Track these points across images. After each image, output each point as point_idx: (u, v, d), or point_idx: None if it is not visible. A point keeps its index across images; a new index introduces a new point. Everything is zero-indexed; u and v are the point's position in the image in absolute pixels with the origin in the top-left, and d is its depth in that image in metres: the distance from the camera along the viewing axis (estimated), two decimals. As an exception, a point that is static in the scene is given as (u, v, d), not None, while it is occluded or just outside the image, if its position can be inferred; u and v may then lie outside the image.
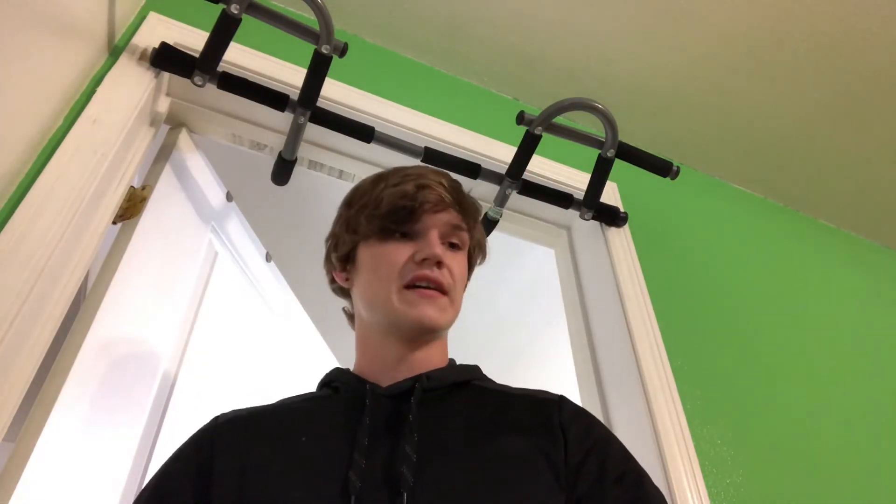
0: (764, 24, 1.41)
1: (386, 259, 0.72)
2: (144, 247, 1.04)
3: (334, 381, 0.73)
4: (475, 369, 0.76)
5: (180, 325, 1.18)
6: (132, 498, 0.97)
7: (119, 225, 1.01)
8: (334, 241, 0.81)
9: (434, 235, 0.72)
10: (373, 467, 0.59)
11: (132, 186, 1.04)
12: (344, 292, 0.81)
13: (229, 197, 1.35)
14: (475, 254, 0.82)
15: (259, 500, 0.58)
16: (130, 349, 1.02)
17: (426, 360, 0.71)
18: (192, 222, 1.23)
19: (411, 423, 0.62)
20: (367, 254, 0.74)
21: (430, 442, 0.61)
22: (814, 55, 1.46)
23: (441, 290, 0.70)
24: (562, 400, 0.70)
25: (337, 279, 0.80)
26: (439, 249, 0.71)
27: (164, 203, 1.12)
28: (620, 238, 1.35)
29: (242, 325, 1.44)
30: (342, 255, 0.78)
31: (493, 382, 0.75)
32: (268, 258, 1.51)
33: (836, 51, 1.44)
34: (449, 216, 0.75)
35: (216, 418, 0.69)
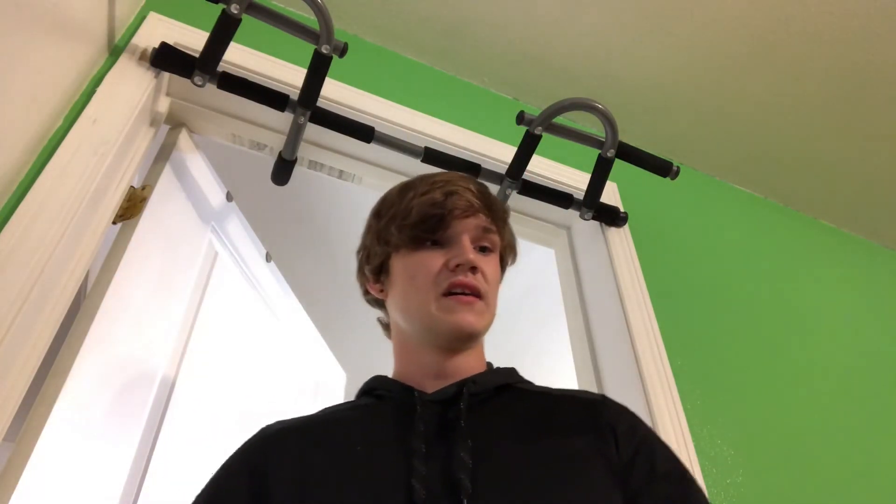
0: (764, 24, 1.41)
1: (420, 268, 0.72)
2: (144, 247, 1.04)
3: (377, 389, 0.73)
4: (514, 372, 0.76)
5: (180, 325, 1.18)
6: (132, 498, 0.97)
7: (119, 225, 1.01)
8: (366, 252, 0.81)
9: (466, 240, 0.72)
10: (431, 474, 0.58)
11: (132, 186, 1.04)
12: (378, 303, 0.81)
13: (229, 197, 1.35)
14: (506, 255, 0.82)
15: None
16: (130, 349, 1.02)
17: (466, 365, 0.71)
18: (192, 222, 1.23)
19: (463, 429, 0.62)
20: (401, 264, 0.75)
21: (483, 448, 0.61)
22: (814, 55, 1.46)
23: (477, 294, 0.70)
24: (605, 399, 0.71)
25: (371, 291, 0.80)
26: (472, 255, 0.71)
27: (164, 203, 1.12)
28: (620, 238, 1.35)
29: (242, 326, 1.44)
30: (375, 267, 0.79)
31: (533, 384, 0.75)
32: (268, 258, 1.51)
33: (836, 51, 1.44)
34: (478, 220, 0.75)
35: (263, 430, 0.69)
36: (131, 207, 1.02)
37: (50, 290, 0.81)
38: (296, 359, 1.66)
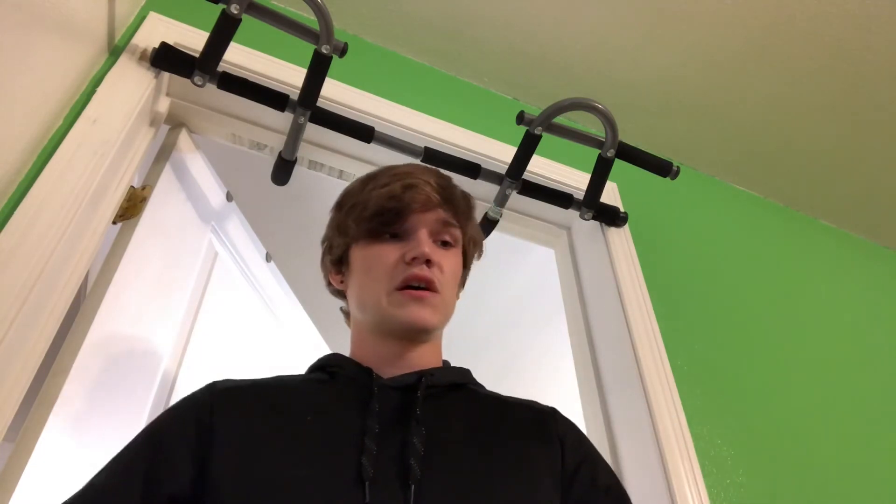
0: (764, 24, 1.41)
1: (376, 260, 0.72)
2: (144, 247, 1.04)
3: (331, 366, 0.72)
4: (468, 373, 0.77)
5: (180, 324, 1.18)
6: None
7: (119, 225, 1.01)
8: (328, 243, 0.82)
9: (423, 234, 0.72)
10: (382, 455, 0.59)
11: (132, 186, 1.04)
12: (340, 293, 0.82)
13: (229, 197, 1.35)
14: (470, 250, 0.82)
15: (265, 475, 0.57)
16: (130, 349, 1.02)
17: (421, 358, 0.72)
18: (192, 222, 1.23)
19: (419, 416, 0.63)
20: (359, 256, 0.75)
21: (436, 438, 0.62)
22: (814, 55, 1.46)
23: (432, 288, 0.70)
24: (555, 411, 0.73)
25: (332, 281, 0.81)
26: (427, 248, 0.71)
27: (164, 203, 1.12)
28: (620, 238, 1.35)
29: (242, 325, 1.44)
30: (335, 258, 0.79)
31: (484, 388, 0.77)
32: (268, 258, 1.51)
33: (836, 51, 1.44)
34: (437, 214, 0.75)
35: (212, 385, 0.67)
36: (131, 207, 1.02)
37: (50, 290, 0.81)
38: (295, 359, 1.66)
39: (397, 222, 0.73)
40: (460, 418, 0.67)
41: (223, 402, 0.64)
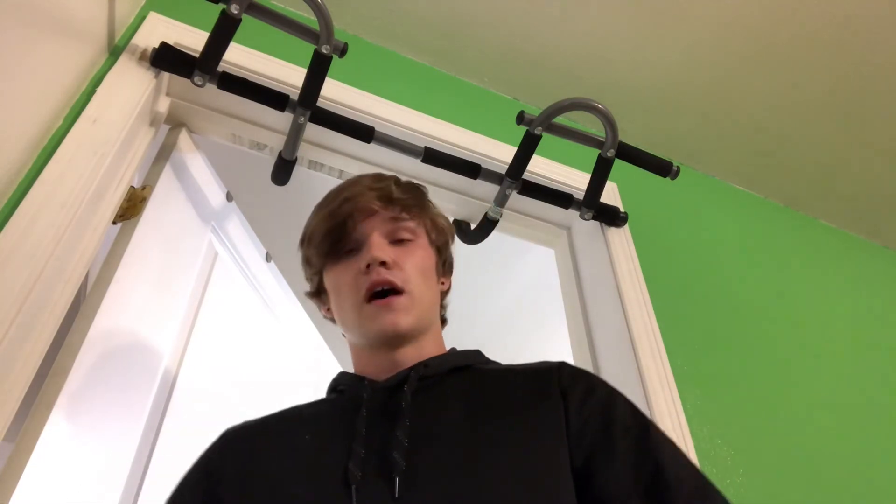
0: (764, 24, 1.41)
1: (341, 280, 0.74)
2: (144, 247, 1.04)
3: (340, 385, 0.74)
4: (475, 354, 0.76)
5: (180, 324, 1.18)
6: (132, 498, 0.97)
7: (119, 225, 1.01)
8: (307, 281, 0.84)
9: (374, 239, 0.73)
10: (371, 456, 0.59)
11: (132, 186, 1.04)
12: (335, 321, 0.82)
13: (229, 197, 1.35)
14: (436, 237, 0.81)
15: (264, 498, 0.59)
16: (130, 349, 1.02)
17: (418, 354, 0.71)
18: (192, 222, 1.23)
19: (404, 410, 0.63)
20: (329, 281, 0.77)
21: (425, 427, 0.62)
22: (814, 55, 1.46)
23: (396, 289, 0.70)
24: (561, 365, 0.69)
25: (323, 313, 0.83)
26: (377, 251, 0.71)
27: (164, 203, 1.12)
28: (620, 238, 1.35)
29: (242, 325, 1.44)
30: (314, 290, 0.82)
31: (497, 364, 0.75)
32: (268, 258, 1.51)
33: (836, 50, 1.44)
34: (381, 216, 0.76)
35: (225, 432, 0.70)
36: (131, 207, 1.02)
37: (50, 290, 0.81)
38: (295, 359, 1.66)
39: (345, 238, 0.75)
40: (456, 403, 0.66)
41: (231, 443, 0.68)
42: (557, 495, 0.56)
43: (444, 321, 0.83)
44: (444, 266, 0.83)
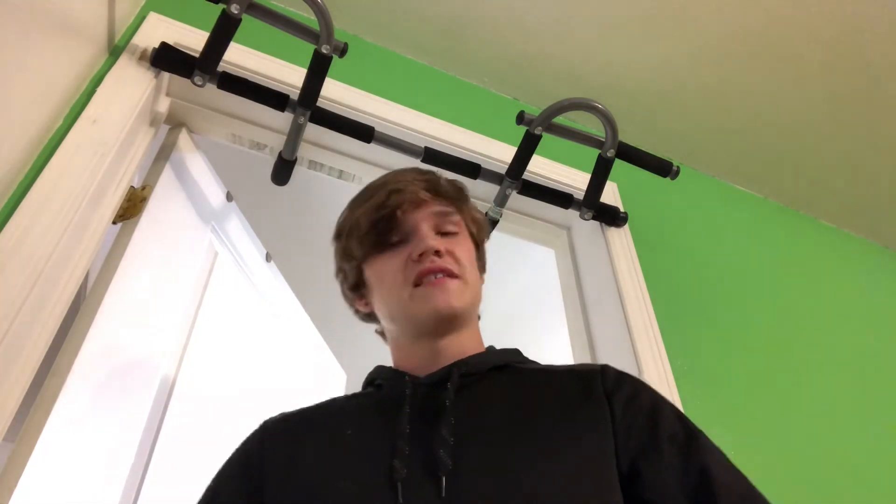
0: (764, 24, 1.41)
1: (388, 269, 0.73)
2: (144, 247, 1.04)
3: (377, 379, 0.74)
4: (514, 352, 0.75)
5: (180, 325, 1.18)
6: (132, 498, 0.97)
7: (119, 225, 1.01)
8: (342, 275, 0.82)
9: (424, 229, 0.73)
10: (416, 454, 0.59)
11: (132, 186, 1.04)
12: (369, 316, 0.82)
13: (229, 197, 1.35)
14: (476, 232, 0.82)
15: (308, 491, 0.59)
16: (130, 349, 1.02)
17: (459, 347, 0.71)
18: (192, 222, 1.23)
19: (448, 408, 0.62)
20: (372, 272, 0.76)
21: (470, 425, 0.61)
22: (814, 55, 1.46)
23: (450, 274, 0.70)
24: (605, 368, 0.70)
25: (358, 307, 0.81)
26: (432, 241, 0.71)
27: (164, 203, 1.12)
28: (620, 238, 1.35)
29: (242, 325, 1.44)
30: (352, 284, 0.80)
31: (536, 363, 0.75)
32: (268, 258, 1.51)
33: (836, 50, 1.44)
34: (431, 208, 0.76)
35: (264, 422, 0.70)
36: (131, 207, 1.02)
37: (50, 290, 0.81)
38: (295, 359, 1.66)
39: (394, 228, 0.74)
40: (499, 401, 0.65)
41: (272, 434, 0.68)
42: (604, 497, 0.56)
43: (478, 316, 0.82)
44: (481, 262, 0.84)
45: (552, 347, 2.36)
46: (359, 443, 0.63)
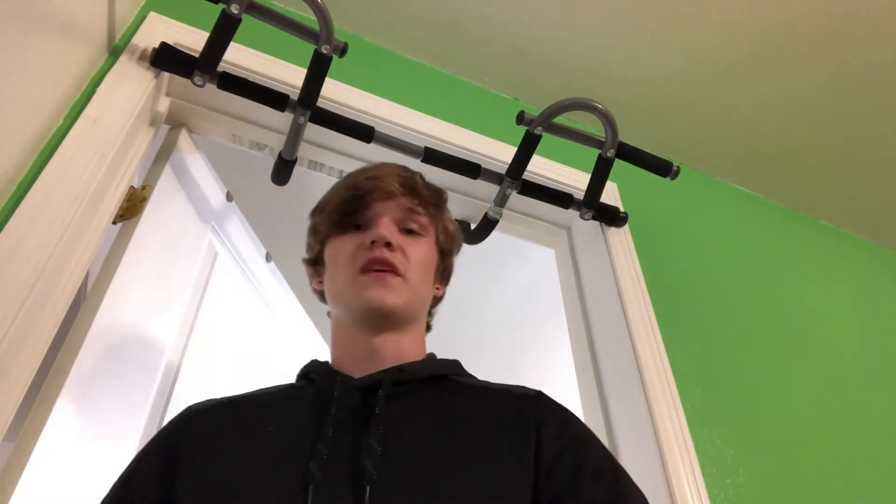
0: (764, 25, 1.41)
1: (342, 250, 0.74)
2: (144, 247, 1.04)
3: (311, 373, 0.73)
4: (454, 364, 0.74)
5: (180, 325, 1.18)
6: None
7: (119, 225, 1.01)
8: (308, 249, 0.83)
9: (384, 221, 0.73)
10: (336, 459, 0.58)
11: (132, 186, 1.04)
12: (321, 294, 0.81)
13: (229, 197, 1.35)
14: (444, 242, 0.81)
15: (218, 483, 0.58)
16: (130, 349, 1.02)
17: (397, 351, 0.70)
18: (192, 222, 1.23)
19: (378, 416, 0.61)
20: (329, 250, 0.77)
21: (397, 436, 0.60)
22: (814, 55, 1.46)
23: (394, 271, 0.70)
24: (538, 396, 0.69)
25: (313, 285, 0.81)
26: (386, 231, 0.72)
27: (164, 203, 1.12)
28: (620, 238, 1.35)
29: (242, 325, 1.44)
30: (312, 259, 0.81)
31: (474, 378, 0.74)
32: (268, 258, 1.51)
33: (836, 50, 1.44)
34: (399, 202, 0.76)
35: (188, 407, 0.69)
36: (131, 207, 1.02)
37: (50, 290, 0.81)
38: (295, 359, 1.66)
39: (359, 212, 0.75)
40: (429, 414, 0.64)
41: (193, 422, 0.66)
42: None
43: (428, 328, 0.81)
44: (444, 272, 0.83)
45: (552, 347, 2.36)
46: (278, 440, 0.62)
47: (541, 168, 1.36)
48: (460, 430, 0.63)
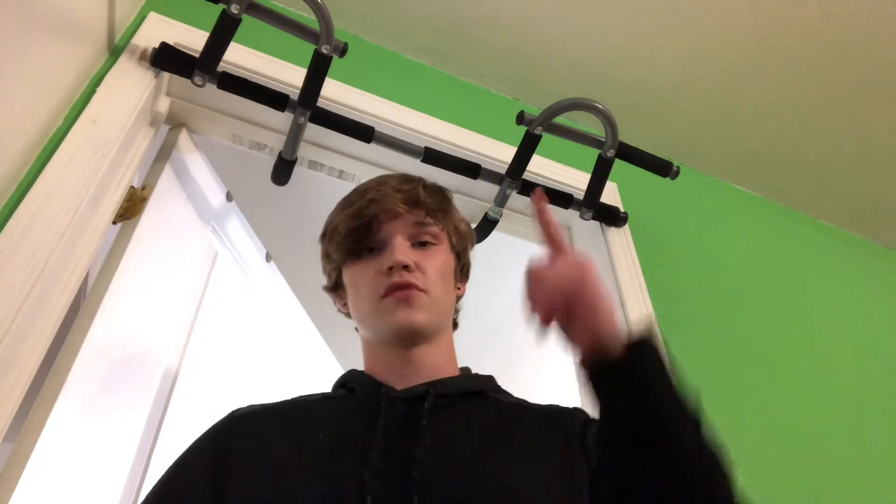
0: (764, 25, 1.41)
1: (360, 277, 0.75)
2: (144, 247, 1.04)
3: (350, 382, 0.74)
4: (490, 380, 0.76)
5: (180, 325, 1.18)
6: (132, 499, 0.97)
7: (119, 225, 1.01)
8: (325, 273, 0.84)
9: (397, 241, 0.73)
10: (386, 469, 0.59)
11: (132, 186, 1.04)
12: (350, 316, 0.83)
13: (229, 197, 1.35)
14: (456, 242, 0.82)
15: (270, 491, 0.58)
16: (130, 349, 1.02)
17: (434, 364, 0.72)
18: (192, 222, 1.23)
19: (424, 428, 0.62)
20: (348, 277, 0.78)
21: (443, 448, 0.61)
22: (814, 56, 1.46)
23: (416, 287, 0.71)
24: (577, 411, 0.71)
25: (338, 306, 0.84)
26: (401, 254, 0.72)
27: (164, 203, 1.12)
28: (620, 238, 1.35)
29: (242, 325, 1.44)
30: (331, 285, 0.82)
31: (510, 395, 0.75)
32: (268, 258, 1.51)
33: (836, 50, 1.44)
34: (407, 219, 0.76)
35: (233, 412, 0.70)
36: (131, 207, 1.02)
37: (50, 290, 0.81)
38: (296, 359, 1.66)
39: (369, 237, 0.75)
40: (474, 428, 0.66)
41: (241, 426, 0.67)
42: None
43: (455, 325, 0.83)
44: (462, 271, 0.84)
45: (551, 348, 2.36)
46: (329, 449, 0.62)
47: (541, 168, 1.36)
48: (504, 447, 0.64)
